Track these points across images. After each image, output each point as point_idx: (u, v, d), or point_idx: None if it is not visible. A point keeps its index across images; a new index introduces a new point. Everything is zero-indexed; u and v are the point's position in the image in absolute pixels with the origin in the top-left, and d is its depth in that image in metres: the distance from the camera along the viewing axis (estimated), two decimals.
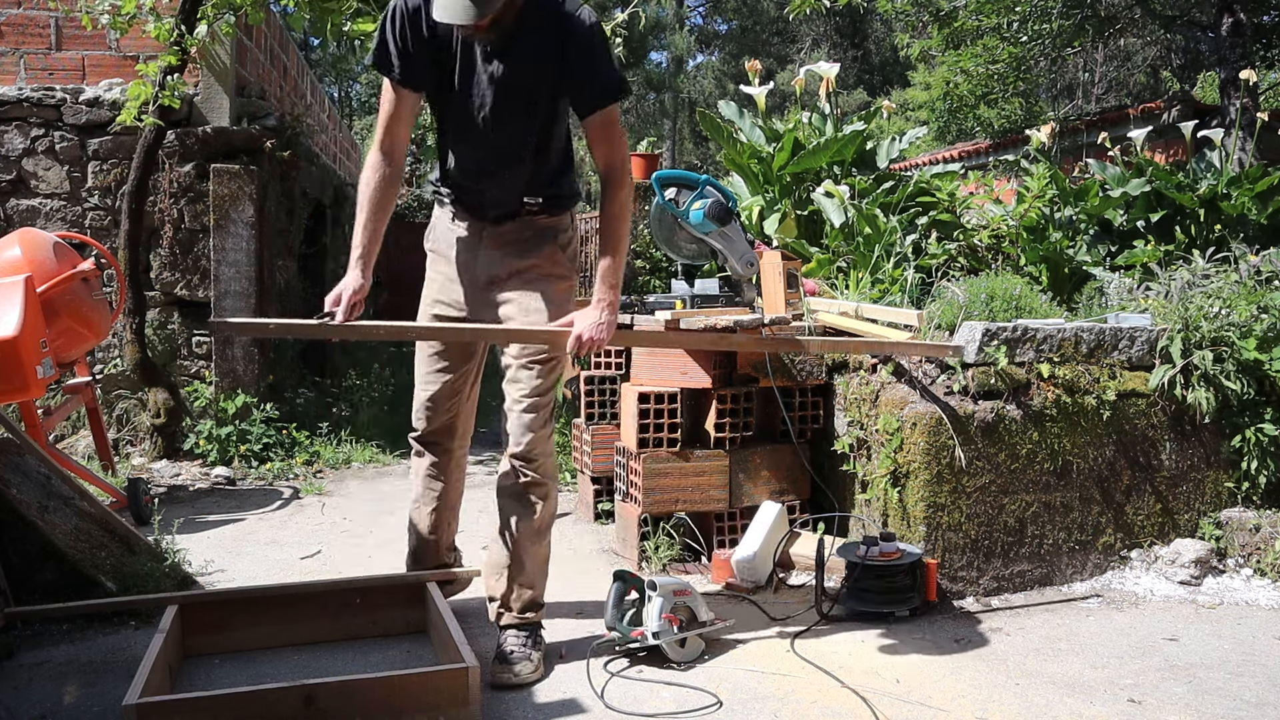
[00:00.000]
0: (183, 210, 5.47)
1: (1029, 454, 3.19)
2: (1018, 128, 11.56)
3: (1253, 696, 2.41)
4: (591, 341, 2.36)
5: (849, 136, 4.61)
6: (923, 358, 3.27)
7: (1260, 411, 3.39)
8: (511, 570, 2.55)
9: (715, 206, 3.43)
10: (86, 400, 4.39)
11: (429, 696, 2.12)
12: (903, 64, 22.54)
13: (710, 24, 28.51)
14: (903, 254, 4.07)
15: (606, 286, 2.42)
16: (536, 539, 2.56)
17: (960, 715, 2.29)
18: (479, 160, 2.54)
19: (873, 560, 2.93)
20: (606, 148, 2.47)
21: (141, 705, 1.95)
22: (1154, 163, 4.55)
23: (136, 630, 2.79)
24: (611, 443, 3.83)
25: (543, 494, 2.55)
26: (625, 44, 4.38)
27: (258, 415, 5.29)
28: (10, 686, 2.41)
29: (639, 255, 6.19)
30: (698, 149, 25.80)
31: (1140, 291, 3.81)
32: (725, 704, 2.32)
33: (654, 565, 3.37)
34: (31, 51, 5.61)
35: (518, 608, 2.55)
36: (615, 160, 2.47)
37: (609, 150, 2.47)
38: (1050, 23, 9.70)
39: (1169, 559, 3.28)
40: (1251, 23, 8.57)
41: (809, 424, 3.57)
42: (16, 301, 3.38)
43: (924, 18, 10.83)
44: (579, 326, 2.38)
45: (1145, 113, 9.59)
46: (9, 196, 5.36)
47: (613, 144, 2.47)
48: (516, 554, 2.54)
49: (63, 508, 3.01)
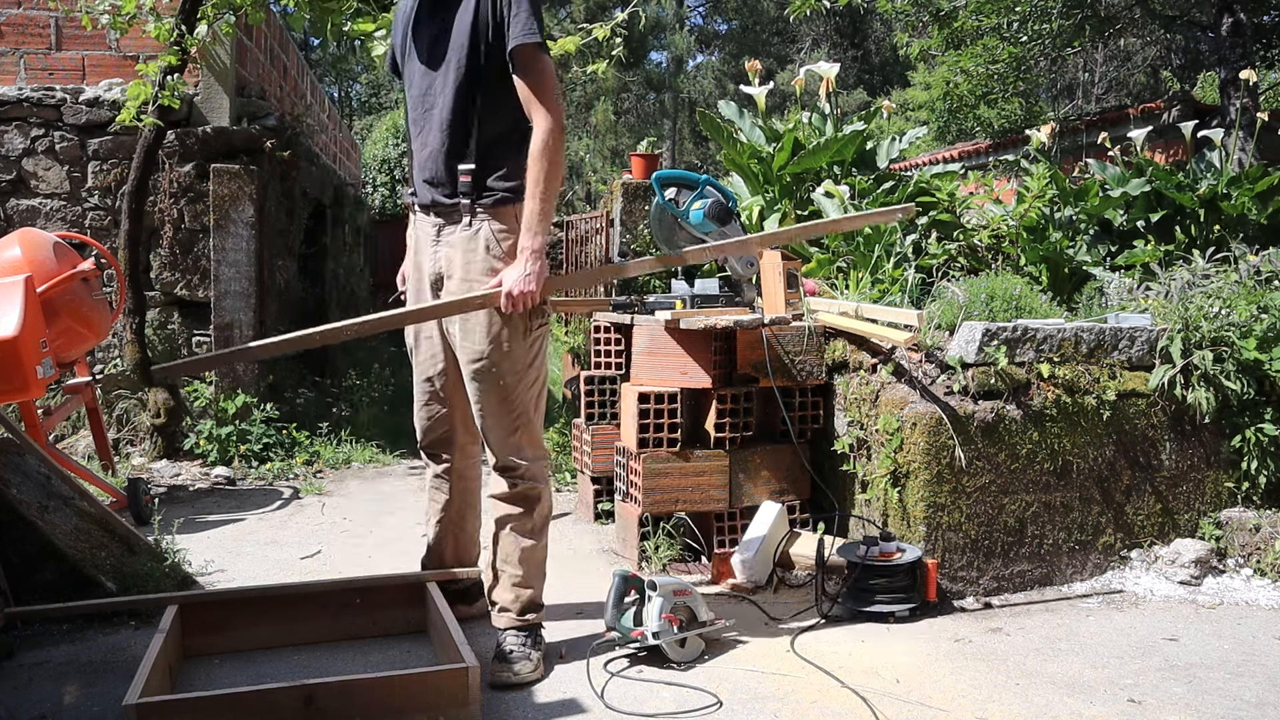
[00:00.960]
0: (183, 210, 5.47)
1: (1029, 454, 3.19)
2: (1018, 128, 11.55)
3: (1253, 696, 2.41)
4: (523, 295, 2.34)
5: (849, 136, 4.61)
6: (922, 357, 3.27)
7: (1260, 411, 3.39)
8: (509, 573, 2.55)
9: (715, 206, 3.43)
10: (86, 400, 4.39)
11: (429, 696, 2.12)
12: (903, 64, 22.54)
13: (710, 24, 28.52)
14: (903, 254, 4.07)
15: (529, 235, 2.37)
16: (532, 540, 2.56)
17: (960, 715, 2.29)
18: (413, 107, 2.54)
19: (873, 560, 2.93)
20: (526, 76, 2.39)
21: (141, 705, 1.95)
22: (1154, 163, 4.55)
23: (136, 630, 2.79)
24: (611, 443, 3.83)
25: (534, 496, 2.55)
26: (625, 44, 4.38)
27: (258, 415, 5.29)
28: (10, 686, 2.41)
29: (639, 255, 6.18)
30: (698, 149, 25.79)
31: (1140, 291, 3.81)
32: (725, 704, 2.32)
33: (654, 565, 3.37)
34: (31, 51, 5.61)
35: (516, 609, 2.55)
36: (535, 90, 2.38)
37: (530, 80, 2.38)
38: (1050, 23, 9.69)
39: (1169, 559, 3.28)
40: (1251, 23, 8.57)
41: (809, 424, 3.57)
42: (16, 301, 3.37)
43: (924, 18, 10.83)
44: (507, 284, 2.36)
45: (1145, 113, 9.59)
46: (9, 196, 5.36)
47: (531, 72, 2.38)
48: (513, 557, 2.54)
49: (63, 508, 3.01)
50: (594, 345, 4.13)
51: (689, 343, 3.45)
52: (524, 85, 2.39)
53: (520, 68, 2.39)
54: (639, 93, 25.19)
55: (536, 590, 2.59)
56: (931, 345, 3.31)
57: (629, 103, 25.35)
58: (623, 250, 3.22)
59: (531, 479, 2.54)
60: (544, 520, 2.59)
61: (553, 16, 23.44)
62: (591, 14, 21.14)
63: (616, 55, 4.28)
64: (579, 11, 22.60)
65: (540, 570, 2.60)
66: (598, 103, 23.67)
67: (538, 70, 2.39)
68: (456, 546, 2.82)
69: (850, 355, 3.53)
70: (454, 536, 2.81)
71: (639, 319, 3.68)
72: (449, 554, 2.82)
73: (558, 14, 23.95)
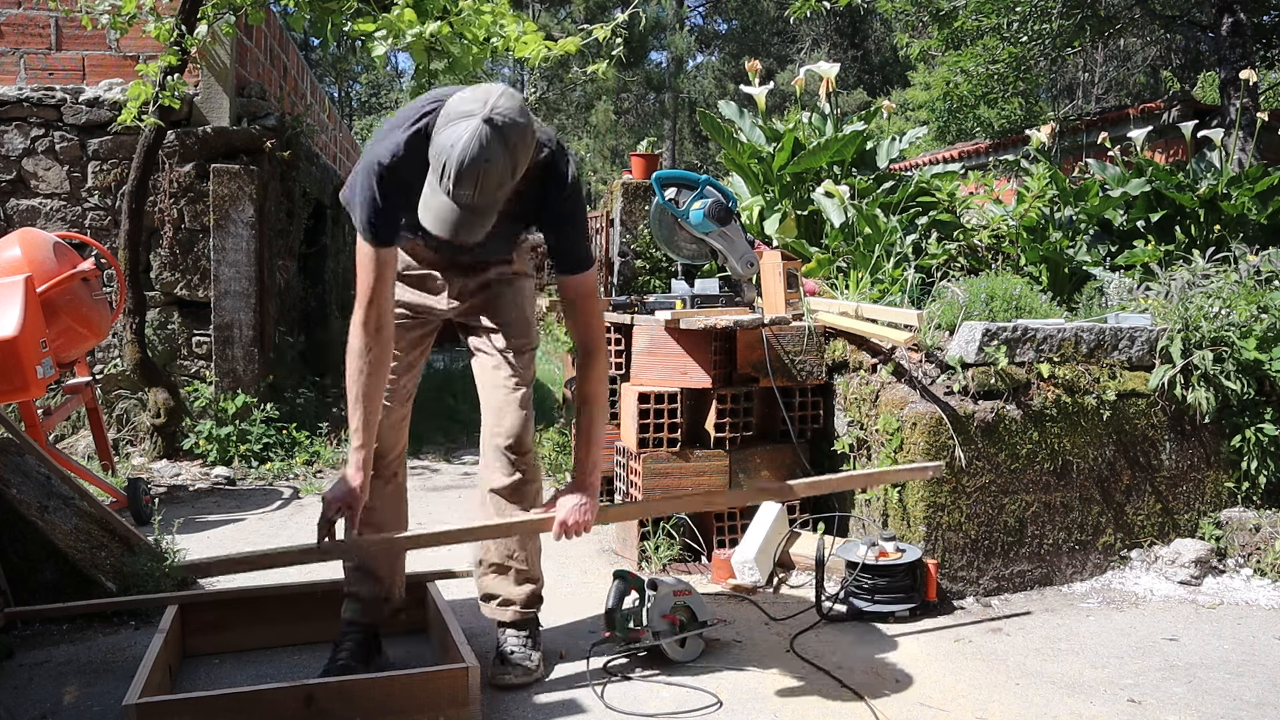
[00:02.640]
0: (183, 210, 5.47)
1: (1029, 454, 3.19)
2: (1018, 128, 11.56)
3: (1253, 696, 2.41)
4: (576, 525, 2.29)
5: (849, 136, 4.61)
6: (922, 357, 3.27)
7: (1260, 411, 3.39)
8: (514, 566, 2.54)
9: (715, 206, 3.44)
10: (86, 400, 4.39)
11: (429, 696, 2.12)
12: (903, 64, 22.55)
13: (710, 24, 28.54)
14: (903, 254, 4.07)
15: (585, 469, 2.35)
16: (535, 533, 2.56)
17: (960, 715, 2.29)
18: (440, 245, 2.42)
19: (872, 560, 2.93)
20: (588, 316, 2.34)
21: (141, 705, 1.95)
22: (1154, 163, 4.55)
23: (136, 630, 2.80)
24: (611, 443, 3.83)
25: (535, 488, 2.55)
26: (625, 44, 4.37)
27: (258, 415, 5.29)
28: (10, 686, 2.41)
29: (639, 255, 6.19)
30: (698, 149, 25.81)
31: (1140, 291, 3.81)
32: (725, 704, 2.32)
33: (654, 565, 3.37)
34: (31, 51, 5.61)
35: (521, 602, 2.54)
36: (596, 327, 2.35)
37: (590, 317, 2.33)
38: (1050, 23, 9.70)
39: (1169, 559, 3.28)
40: (1251, 23, 8.57)
41: (809, 424, 3.56)
42: (16, 301, 3.38)
43: (924, 18, 10.84)
44: (561, 512, 2.30)
45: (1145, 113, 9.59)
46: (9, 196, 5.36)
47: (593, 310, 2.33)
48: (519, 550, 2.54)
49: (63, 508, 3.01)
50: None
51: (689, 343, 3.45)
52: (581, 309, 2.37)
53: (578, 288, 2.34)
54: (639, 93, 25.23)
55: (540, 582, 2.60)
56: (931, 345, 3.31)
57: (629, 103, 25.37)
58: (623, 250, 3.21)
59: (536, 464, 2.55)
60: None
61: (553, 16, 23.46)
62: (591, 14, 21.16)
63: (616, 55, 4.27)
64: (579, 11, 22.63)
65: (539, 561, 2.61)
66: (598, 103, 23.69)
67: (597, 304, 2.37)
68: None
69: (850, 355, 3.53)
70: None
71: (639, 319, 3.68)
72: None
73: (557, 14, 23.97)
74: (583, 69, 6.94)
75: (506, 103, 1.94)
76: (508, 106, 1.93)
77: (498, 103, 1.93)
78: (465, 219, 1.93)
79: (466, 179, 1.88)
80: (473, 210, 1.93)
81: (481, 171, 1.89)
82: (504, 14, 4.06)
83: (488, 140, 1.89)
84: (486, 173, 1.90)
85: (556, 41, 4.30)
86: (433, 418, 6.65)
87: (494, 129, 1.90)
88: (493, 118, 1.90)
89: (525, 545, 2.54)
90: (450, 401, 7.16)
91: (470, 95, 1.95)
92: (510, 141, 1.92)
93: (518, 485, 2.48)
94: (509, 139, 1.92)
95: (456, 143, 1.88)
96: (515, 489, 2.48)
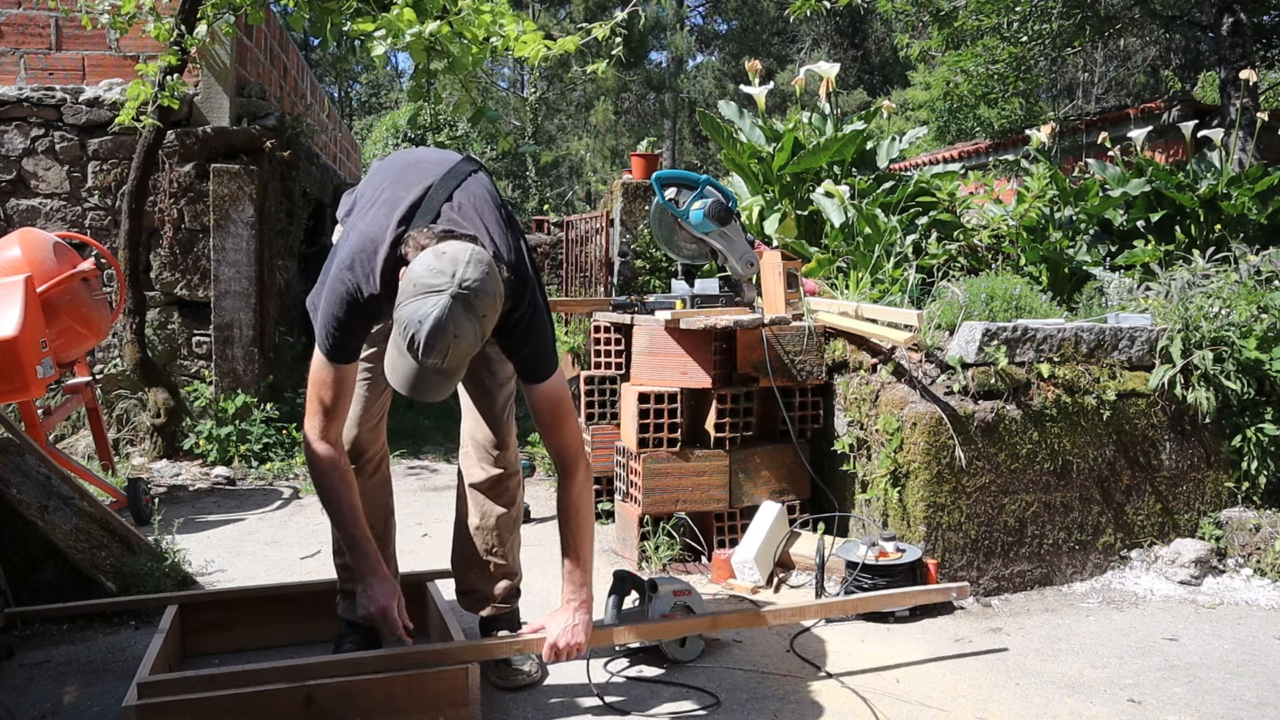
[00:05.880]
0: (183, 210, 5.47)
1: (1029, 454, 3.19)
2: (1018, 128, 11.56)
3: (1253, 696, 2.41)
4: (569, 648, 2.23)
5: (849, 136, 4.61)
6: (922, 357, 3.27)
7: (1260, 411, 3.39)
8: (493, 562, 2.55)
9: (715, 206, 3.44)
10: (86, 400, 4.39)
11: (429, 696, 2.12)
12: (903, 64, 22.53)
13: (710, 24, 28.52)
14: (903, 254, 4.07)
15: (575, 586, 2.25)
16: (514, 528, 2.58)
17: (960, 715, 2.29)
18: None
19: (872, 560, 2.93)
20: (557, 429, 2.26)
21: (141, 705, 1.95)
22: (1154, 163, 4.55)
23: (136, 630, 2.80)
24: (611, 443, 3.83)
25: (516, 482, 2.57)
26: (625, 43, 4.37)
27: (258, 415, 5.29)
28: (10, 686, 2.41)
29: (639, 255, 6.19)
30: (698, 149, 25.80)
31: (1140, 291, 3.81)
32: (725, 704, 2.32)
33: (654, 565, 3.37)
34: (31, 51, 5.61)
35: (500, 596, 2.57)
36: (569, 441, 2.26)
37: (559, 430, 2.26)
38: (1050, 23, 9.70)
39: (1169, 559, 3.28)
40: (1251, 23, 8.57)
41: (809, 424, 3.57)
42: (16, 301, 3.38)
43: (924, 18, 10.84)
44: (552, 634, 2.22)
45: (1145, 113, 9.59)
46: (9, 196, 5.36)
47: (562, 423, 2.26)
48: (498, 545, 2.55)
49: (63, 508, 3.01)
50: (594, 345, 4.13)
51: (689, 343, 3.45)
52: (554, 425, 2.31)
53: (548, 400, 2.28)
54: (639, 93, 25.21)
55: (519, 576, 2.63)
56: (931, 345, 3.31)
57: (629, 103, 25.36)
58: (623, 250, 3.20)
59: (516, 462, 2.56)
60: (520, 506, 2.62)
61: (552, 16, 23.45)
62: (591, 14, 21.15)
63: (616, 55, 4.27)
64: (579, 11, 22.62)
65: (518, 555, 2.63)
66: (598, 102, 23.69)
67: (569, 414, 2.29)
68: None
69: (850, 355, 3.53)
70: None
71: (639, 319, 3.68)
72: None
73: (557, 14, 23.97)
74: (582, 68, 6.92)
75: (473, 272, 1.89)
76: (475, 276, 1.89)
77: (465, 274, 1.88)
78: (435, 382, 1.92)
79: (436, 350, 1.87)
80: (441, 373, 1.92)
81: (451, 344, 1.88)
82: (503, 13, 4.05)
83: (458, 315, 1.86)
84: (456, 345, 1.88)
85: (556, 41, 4.29)
86: (433, 418, 6.65)
87: (464, 304, 1.87)
88: (461, 292, 1.87)
89: (505, 540, 2.55)
90: (450, 402, 7.16)
91: (436, 265, 1.89)
92: (480, 311, 1.90)
93: (497, 480, 2.52)
94: (478, 309, 1.90)
95: (425, 319, 1.85)
96: (495, 484, 2.52)
